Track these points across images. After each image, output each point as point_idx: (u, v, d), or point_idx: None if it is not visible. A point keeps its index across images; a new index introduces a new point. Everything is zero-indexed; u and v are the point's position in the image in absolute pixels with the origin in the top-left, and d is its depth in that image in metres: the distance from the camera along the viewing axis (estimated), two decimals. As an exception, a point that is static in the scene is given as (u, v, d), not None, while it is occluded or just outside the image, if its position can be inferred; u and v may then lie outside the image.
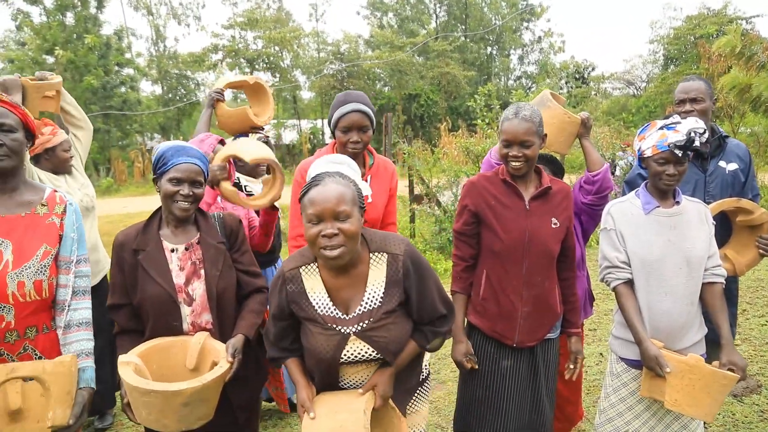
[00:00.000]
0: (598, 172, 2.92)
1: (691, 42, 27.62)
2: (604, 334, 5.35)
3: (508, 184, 2.53)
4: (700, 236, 2.44)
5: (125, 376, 1.95)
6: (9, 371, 1.82)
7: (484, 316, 2.58)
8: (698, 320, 2.50)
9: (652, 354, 2.33)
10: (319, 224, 1.82)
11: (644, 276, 2.45)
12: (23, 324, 1.96)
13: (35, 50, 25.03)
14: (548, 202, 2.54)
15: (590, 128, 3.04)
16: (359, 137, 2.75)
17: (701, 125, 2.34)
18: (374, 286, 1.97)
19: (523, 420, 2.60)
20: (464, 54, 36.24)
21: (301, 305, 1.98)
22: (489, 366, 2.59)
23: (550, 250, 2.52)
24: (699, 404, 2.30)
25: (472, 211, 2.58)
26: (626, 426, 2.54)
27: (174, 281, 2.21)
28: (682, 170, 2.39)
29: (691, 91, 2.97)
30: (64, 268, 2.07)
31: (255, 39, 32.12)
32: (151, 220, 2.31)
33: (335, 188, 1.83)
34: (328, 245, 1.81)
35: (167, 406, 1.92)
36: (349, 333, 1.94)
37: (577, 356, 2.68)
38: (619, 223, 2.51)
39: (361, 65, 31.30)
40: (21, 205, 2.02)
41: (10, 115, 1.97)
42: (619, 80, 35.88)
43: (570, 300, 2.66)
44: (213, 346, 2.18)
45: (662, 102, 25.86)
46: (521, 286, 2.51)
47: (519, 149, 2.43)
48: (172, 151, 2.23)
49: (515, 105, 2.51)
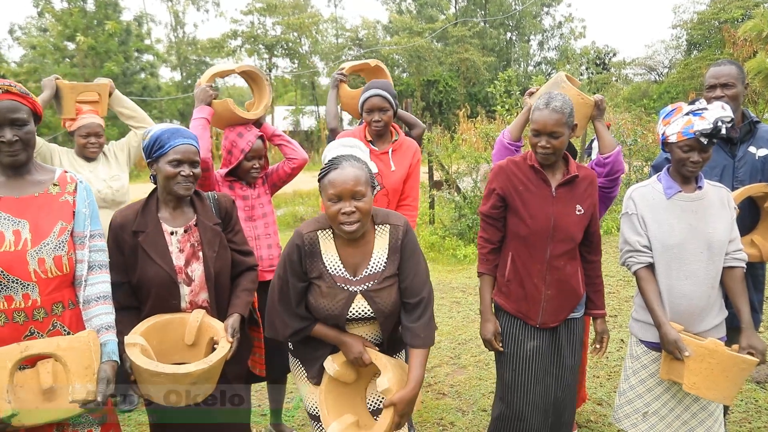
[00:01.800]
0: (609, 155, 2.93)
1: (716, 27, 27.07)
2: (624, 320, 5.35)
3: (536, 170, 2.57)
4: (722, 221, 2.44)
5: (134, 358, 2.04)
6: (23, 349, 1.85)
7: (509, 297, 2.65)
8: (719, 304, 2.51)
9: (671, 338, 2.35)
10: (338, 203, 2.05)
11: (665, 260, 2.46)
12: (49, 301, 2.01)
13: (57, 36, 25.27)
14: (574, 189, 2.57)
15: (604, 110, 3.04)
16: (380, 117, 3.29)
17: (728, 113, 2.33)
18: (379, 252, 2.21)
19: (549, 399, 2.66)
20: (483, 40, 35.92)
21: (314, 264, 2.18)
22: (514, 348, 2.66)
23: (573, 236, 2.56)
24: (717, 388, 2.32)
25: (499, 194, 2.62)
26: (646, 407, 2.57)
27: (174, 263, 2.30)
28: (707, 157, 2.38)
29: (722, 76, 2.92)
30: (79, 243, 2.11)
31: (274, 25, 32.14)
32: (149, 202, 2.37)
33: (352, 171, 2.06)
34: (346, 221, 2.06)
35: (176, 385, 2.06)
36: (356, 291, 2.17)
37: (603, 336, 2.74)
38: (641, 207, 2.52)
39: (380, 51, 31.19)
40: (33, 185, 2.07)
41: (22, 107, 1.99)
42: (641, 66, 35.33)
43: (595, 282, 2.71)
44: (210, 323, 2.29)
45: (684, 88, 25.44)
46: (545, 270, 2.56)
47: (548, 140, 2.46)
48: (168, 134, 2.29)
49: (547, 94, 2.53)
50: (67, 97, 3.43)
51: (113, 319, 2.14)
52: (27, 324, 1.97)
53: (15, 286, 1.94)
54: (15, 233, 1.96)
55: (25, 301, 1.97)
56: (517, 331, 2.65)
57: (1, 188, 2.02)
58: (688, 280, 2.43)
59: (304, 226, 2.23)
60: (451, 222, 8.89)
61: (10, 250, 1.94)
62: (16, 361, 1.83)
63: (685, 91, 25.02)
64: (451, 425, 3.64)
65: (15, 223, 1.97)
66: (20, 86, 2.04)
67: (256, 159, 3.09)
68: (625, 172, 2.93)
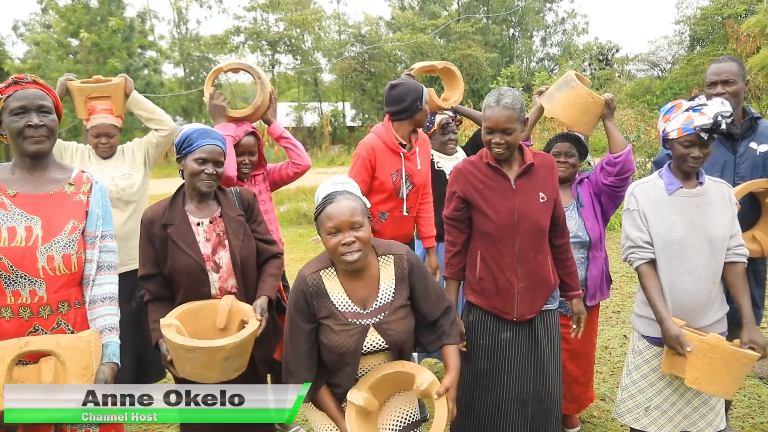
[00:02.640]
0: (620, 154, 2.94)
1: (719, 22, 26.95)
2: (627, 316, 5.36)
3: (493, 167, 2.56)
4: (723, 216, 2.46)
5: (170, 336, 2.14)
6: (22, 345, 1.85)
7: (482, 295, 2.64)
8: (720, 299, 2.53)
9: (673, 333, 2.37)
10: (337, 235, 2.09)
11: (666, 256, 2.48)
12: (55, 299, 2.02)
13: (60, 33, 25.30)
14: (533, 177, 2.57)
15: (614, 109, 3.06)
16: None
17: (728, 108, 2.34)
18: (386, 283, 2.24)
19: (527, 391, 2.63)
20: (486, 36, 35.84)
21: (322, 304, 2.18)
22: (489, 339, 2.65)
23: (540, 224, 2.56)
24: (719, 382, 2.34)
25: (460, 197, 2.61)
26: (648, 402, 2.59)
27: (202, 252, 2.46)
28: (707, 153, 2.40)
29: (723, 73, 2.93)
30: (89, 242, 2.14)
31: (277, 21, 32.13)
32: (176, 197, 2.53)
33: (348, 203, 2.10)
34: (347, 251, 2.08)
35: (211, 360, 2.13)
36: (368, 325, 2.18)
37: (580, 316, 2.75)
38: (642, 203, 2.54)
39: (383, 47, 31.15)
40: (49, 182, 2.09)
41: (47, 97, 2.05)
42: (644, 62, 35.20)
43: (567, 265, 2.71)
44: (239, 307, 2.42)
45: (688, 84, 25.36)
46: (515, 263, 2.55)
47: (501, 136, 2.45)
48: (197, 134, 2.46)
49: (497, 91, 2.52)
50: (77, 98, 3.44)
51: (117, 321, 2.16)
52: (32, 320, 1.99)
53: (23, 282, 1.97)
54: (27, 229, 1.99)
55: (32, 297, 1.99)
56: (491, 323, 2.65)
57: (18, 184, 2.05)
58: (690, 276, 2.45)
59: (305, 269, 2.25)
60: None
61: (20, 245, 1.96)
62: (15, 356, 1.83)
63: (688, 86, 24.94)
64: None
65: (28, 219, 2.00)
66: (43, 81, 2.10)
67: (246, 155, 3.11)
68: (635, 171, 2.93)
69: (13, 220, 1.98)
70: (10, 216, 1.98)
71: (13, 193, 2.02)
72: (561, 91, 3.04)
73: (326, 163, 24.81)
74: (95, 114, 3.48)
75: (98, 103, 3.49)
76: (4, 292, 1.96)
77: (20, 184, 2.05)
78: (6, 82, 2.04)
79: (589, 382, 3.35)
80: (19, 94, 1.99)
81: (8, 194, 2.01)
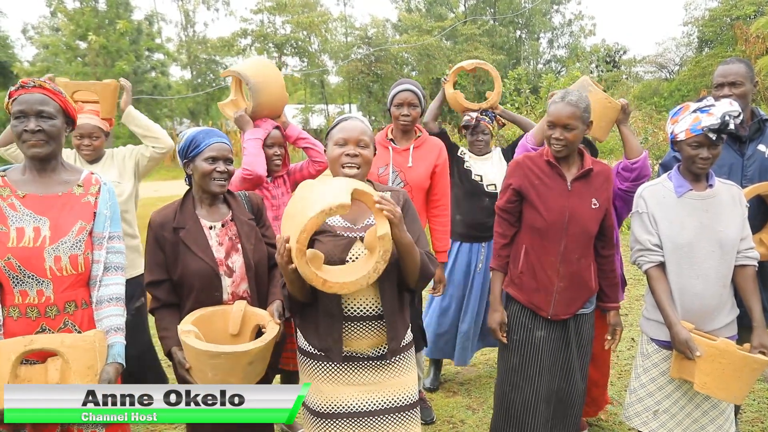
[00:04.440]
0: (637, 160, 2.94)
1: (727, 24, 26.80)
2: (635, 319, 5.34)
3: (552, 165, 2.61)
4: (733, 219, 2.44)
5: (192, 342, 2.09)
6: (27, 343, 1.87)
7: (521, 289, 2.69)
8: (730, 302, 2.51)
9: (682, 338, 2.35)
10: (344, 146, 2.18)
11: (676, 259, 2.46)
12: (62, 299, 2.04)
13: (69, 36, 25.40)
14: (590, 183, 2.61)
15: (629, 114, 3.07)
16: (409, 111, 3.35)
17: (736, 108, 2.33)
18: None
19: (553, 388, 2.70)
20: (493, 38, 35.78)
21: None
22: (523, 336, 2.70)
23: (588, 229, 2.60)
24: (728, 388, 2.32)
25: (515, 189, 2.67)
26: (656, 405, 2.57)
27: (215, 255, 2.41)
28: (716, 153, 2.38)
29: (730, 75, 2.91)
30: (97, 243, 2.15)
31: (283, 23, 32.16)
32: (185, 201, 2.48)
33: (360, 123, 2.24)
34: (348, 163, 2.17)
35: (236, 365, 2.11)
36: (356, 237, 2.19)
37: (616, 328, 2.77)
38: (651, 206, 2.52)
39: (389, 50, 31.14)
40: (58, 184, 2.12)
41: (51, 101, 2.05)
42: (651, 64, 35.03)
43: (609, 276, 2.75)
44: (253, 311, 2.38)
45: (696, 86, 25.22)
46: (558, 263, 2.59)
47: (561, 132, 2.50)
48: (203, 134, 2.44)
49: (564, 90, 2.61)
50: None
51: (123, 322, 2.17)
52: (39, 320, 2.01)
53: (30, 282, 1.99)
54: (35, 230, 2.01)
55: (39, 297, 2.01)
56: (527, 319, 2.70)
57: (27, 185, 2.07)
58: (700, 279, 2.43)
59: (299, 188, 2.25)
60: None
61: (28, 245, 1.98)
62: (19, 354, 1.85)
63: (696, 88, 24.80)
64: (462, 423, 3.65)
65: (36, 219, 2.02)
66: (54, 85, 2.10)
67: (276, 146, 3.16)
68: (651, 176, 2.93)
69: (22, 220, 2.01)
70: (19, 216, 2.01)
71: (22, 194, 2.05)
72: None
73: (333, 165, 24.84)
74: (80, 114, 3.24)
75: (86, 104, 3.36)
76: (12, 291, 1.99)
77: (30, 186, 2.08)
78: (16, 85, 2.07)
79: (605, 385, 3.37)
80: (21, 99, 2.02)
81: (18, 195, 2.04)
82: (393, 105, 3.39)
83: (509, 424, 2.74)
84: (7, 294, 2.00)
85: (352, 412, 2.19)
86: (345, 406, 2.19)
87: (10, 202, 2.02)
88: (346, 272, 2.02)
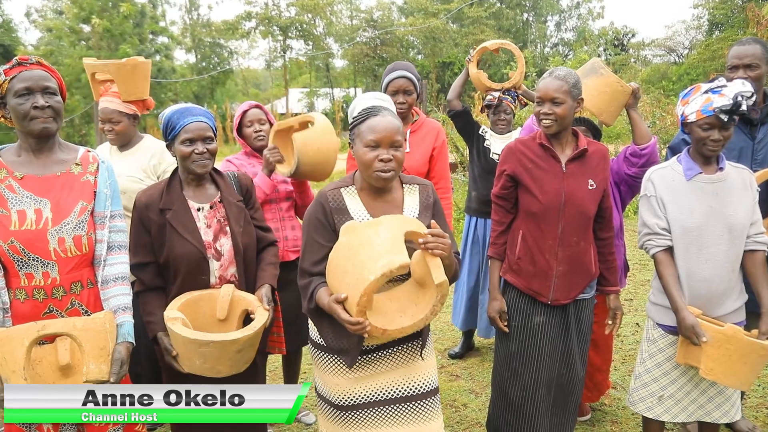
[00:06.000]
0: (646, 146, 2.90)
1: (739, 6, 26.50)
2: (640, 304, 5.31)
3: (545, 147, 2.56)
4: (743, 203, 2.40)
5: (179, 330, 2.07)
6: (40, 328, 1.87)
7: (519, 275, 2.65)
8: (738, 287, 2.47)
9: (689, 323, 2.32)
10: (376, 149, 2.02)
11: (684, 243, 2.42)
12: (68, 280, 2.04)
13: (72, 19, 25.39)
14: (585, 164, 2.56)
15: (639, 99, 3.02)
16: (404, 99, 3.25)
17: (749, 88, 2.28)
18: (410, 208, 2.17)
19: (553, 374, 2.67)
20: (500, 20, 35.51)
21: (342, 219, 2.11)
22: (522, 321, 2.67)
23: (586, 211, 2.55)
24: (735, 374, 2.29)
25: (509, 175, 2.62)
26: (661, 391, 2.55)
27: (203, 238, 2.34)
28: (727, 135, 2.33)
29: (746, 57, 2.83)
30: (99, 223, 2.13)
31: (288, 6, 32.00)
32: (172, 181, 2.41)
33: (392, 120, 2.05)
34: (383, 168, 2.02)
35: (224, 353, 2.09)
36: None
37: (616, 312, 2.74)
38: (660, 189, 2.48)
39: (395, 33, 30.98)
40: (56, 164, 2.09)
41: (51, 78, 2.03)
42: (660, 47, 34.78)
43: (608, 259, 2.70)
44: (241, 296, 2.34)
45: (705, 69, 25.00)
46: (556, 246, 2.55)
47: (550, 107, 2.46)
48: (178, 114, 2.33)
49: (554, 68, 2.56)
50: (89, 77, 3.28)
51: (130, 300, 2.16)
52: (46, 301, 2.00)
53: (35, 264, 1.98)
54: (36, 212, 1.99)
55: (45, 279, 2.00)
56: (525, 305, 2.67)
57: (25, 167, 2.04)
58: (708, 264, 2.39)
59: (325, 188, 2.19)
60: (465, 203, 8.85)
61: (31, 228, 1.97)
62: (33, 340, 1.86)
63: (705, 72, 24.59)
64: (464, 407, 3.65)
65: (37, 201, 2.00)
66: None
67: (255, 122, 3.07)
68: (659, 161, 2.88)
69: (22, 203, 1.98)
70: (19, 199, 1.98)
71: (20, 176, 2.01)
72: (589, 78, 2.98)
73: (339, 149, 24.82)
74: (104, 96, 3.22)
75: (111, 84, 3.21)
76: (18, 274, 1.98)
77: (27, 167, 2.04)
78: (10, 63, 2.02)
79: (608, 370, 3.36)
80: (24, 75, 1.97)
81: (16, 176, 2.01)
82: (387, 92, 3.27)
83: (508, 410, 2.71)
84: (13, 277, 1.99)
85: (371, 401, 2.14)
86: (363, 396, 2.14)
87: (8, 184, 1.99)
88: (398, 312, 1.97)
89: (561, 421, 2.76)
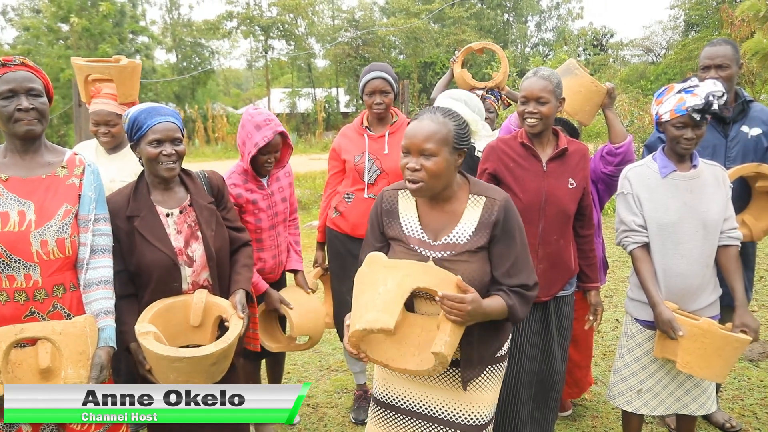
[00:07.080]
0: (621, 145, 2.94)
1: (713, 7, 26.94)
2: (620, 300, 5.38)
3: (526, 147, 2.59)
4: (717, 199, 2.46)
5: (151, 346, 2.01)
6: (18, 332, 1.84)
7: None
8: (713, 282, 2.53)
9: (665, 318, 2.37)
10: (407, 156, 1.92)
11: (660, 239, 2.48)
12: (50, 282, 2.01)
13: (50, 18, 24.99)
14: (565, 163, 2.60)
15: (614, 99, 3.07)
16: (381, 99, 3.24)
17: (719, 88, 2.34)
18: (466, 223, 1.98)
19: (534, 370, 2.69)
20: (481, 21, 35.68)
21: (392, 223, 2.06)
22: None
23: (566, 209, 2.58)
24: (711, 366, 2.35)
25: (490, 173, 2.64)
26: (640, 384, 2.60)
27: (173, 245, 2.27)
28: (700, 134, 2.39)
29: (717, 57, 2.90)
30: (83, 226, 2.11)
31: (269, 6, 31.83)
32: (139, 185, 2.32)
33: (428, 125, 1.88)
34: (410, 178, 1.90)
35: (197, 367, 2.05)
36: (429, 257, 1.96)
37: (597, 308, 2.78)
38: (636, 187, 2.53)
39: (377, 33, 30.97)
40: (42, 166, 2.07)
41: (37, 79, 2.01)
42: (638, 47, 35.19)
43: (588, 256, 2.74)
44: (214, 302, 2.28)
45: (682, 69, 25.35)
46: (537, 244, 2.57)
47: (535, 106, 2.49)
48: (144, 114, 2.23)
49: (537, 68, 2.60)
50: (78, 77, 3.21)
51: (113, 304, 2.13)
52: (28, 304, 1.98)
53: (17, 266, 1.95)
54: (20, 214, 1.97)
55: (27, 281, 1.97)
56: None
57: (10, 168, 2.02)
58: (683, 260, 2.45)
59: (387, 187, 2.16)
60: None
61: (14, 230, 1.95)
62: (10, 343, 1.83)
63: (682, 72, 24.94)
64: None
65: (20, 203, 1.98)
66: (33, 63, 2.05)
67: (272, 153, 2.89)
68: (635, 160, 2.92)
69: (6, 204, 1.96)
70: (3, 200, 1.96)
71: (5, 177, 2.00)
72: (564, 78, 3.01)
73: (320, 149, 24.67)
74: (97, 98, 3.11)
75: (104, 85, 3.12)
76: None
77: (12, 168, 2.02)
78: None
79: (588, 366, 3.39)
80: (8, 77, 1.95)
81: (0, 178, 1.99)
82: (365, 93, 3.26)
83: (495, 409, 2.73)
84: None
85: (409, 409, 2.08)
86: (396, 397, 2.10)
87: None
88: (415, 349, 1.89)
89: (542, 416, 2.78)
